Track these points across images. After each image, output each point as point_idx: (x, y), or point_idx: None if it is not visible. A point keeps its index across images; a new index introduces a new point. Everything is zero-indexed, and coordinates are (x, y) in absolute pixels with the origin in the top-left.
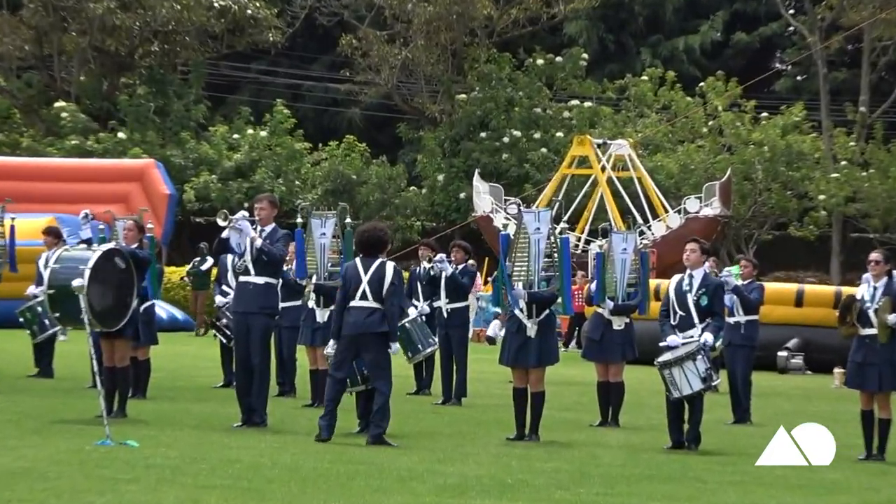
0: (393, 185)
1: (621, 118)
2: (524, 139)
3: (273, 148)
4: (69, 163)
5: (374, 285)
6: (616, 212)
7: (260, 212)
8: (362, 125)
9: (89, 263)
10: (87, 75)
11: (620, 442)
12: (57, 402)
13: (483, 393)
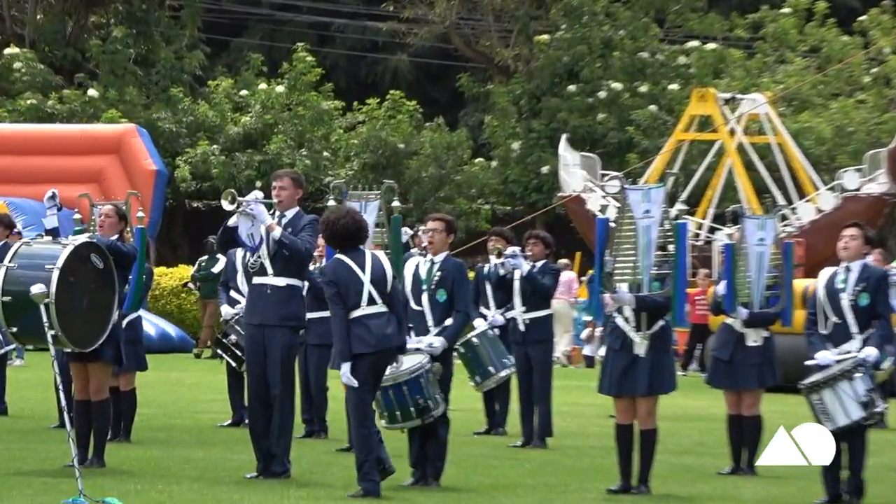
0: (453, 157)
1: (755, 65)
2: (626, 94)
3: (293, 108)
4: (23, 129)
5: (380, 284)
6: (749, 190)
7: (279, 192)
8: (411, 77)
9: (57, 262)
10: (46, 13)
11: (758, 495)
12: (13, 447)
13: (576, 431)
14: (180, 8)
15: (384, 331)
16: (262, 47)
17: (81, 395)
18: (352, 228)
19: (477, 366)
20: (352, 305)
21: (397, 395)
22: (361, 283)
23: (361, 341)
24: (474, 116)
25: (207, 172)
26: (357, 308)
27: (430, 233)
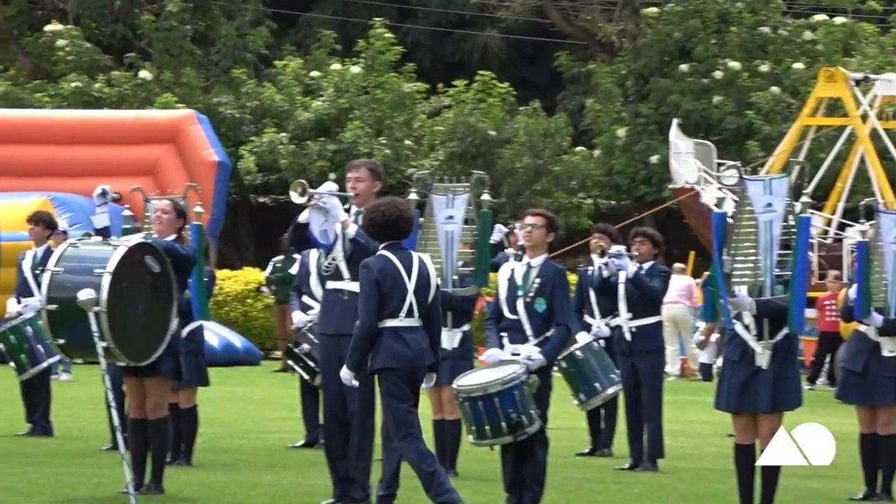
0: (550, 145)
1: (890, 41)
2: (745, 74)
3: (371, 91)
4: (67, 116)
5: (421, 294)
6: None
7: (355, 184)
8: (503, 56)
9: (108, 265)
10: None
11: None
12: (61, 472)
13: (690, 452)
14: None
15: (420, 346)
16: (335, 23)
17: (137, 413)
18: (392, 217)
19: (581, 382)
20: (391, 312)
21: (488, 407)
22: (406, 289)
23: (395, 356)
24: (574, 100)
25: (275, 163)
26: (395, 317)
27: (529, 228)
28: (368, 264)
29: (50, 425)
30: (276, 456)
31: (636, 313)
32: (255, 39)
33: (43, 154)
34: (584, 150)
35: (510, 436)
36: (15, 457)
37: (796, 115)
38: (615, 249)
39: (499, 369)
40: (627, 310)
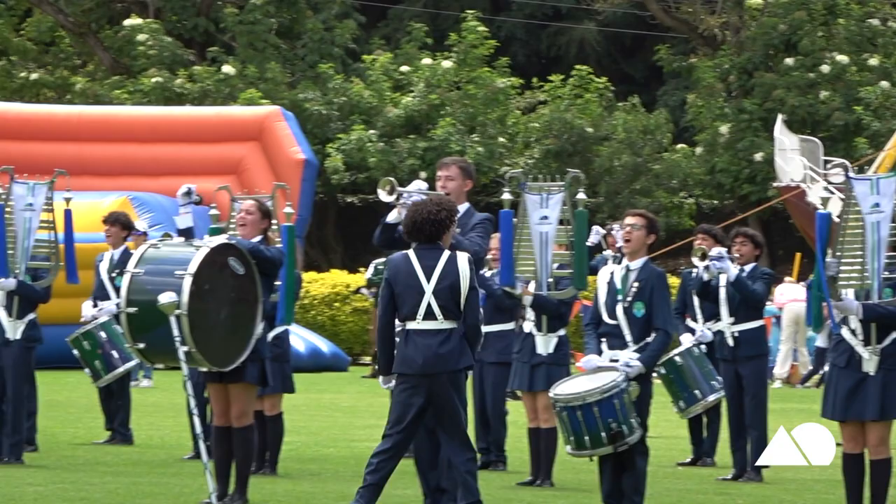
0: (650, 143)
1: None
2: (854, 68)
3: (463, 86)
4: (148, 113)
5: (444, 294)
6: None
7: (445, 183)
8: (601, 50)
9: (190, 267)
10: None
11: None
12: (141, 482)
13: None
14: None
15: (436, 350)
16: (426, 16)
17: (221, 420)
18: (416, 219)
19: (681, 389)
20: (407, 315)
21: (587, 417)
22: (423, 291)
23: (403, 361)
24: (675, 95)
25: (363, 162)
26: (412, 319)
27: (628, 229)
28: (387, 261)
29: (130, 433)
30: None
31: (738, 317)
32: (342, 33)
33: (122, 152)
34: (686, 148)
35: (610, 446)
36: (94, 466)
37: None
38: (716, 252)
39: (597, 377)
40: (729, 314)
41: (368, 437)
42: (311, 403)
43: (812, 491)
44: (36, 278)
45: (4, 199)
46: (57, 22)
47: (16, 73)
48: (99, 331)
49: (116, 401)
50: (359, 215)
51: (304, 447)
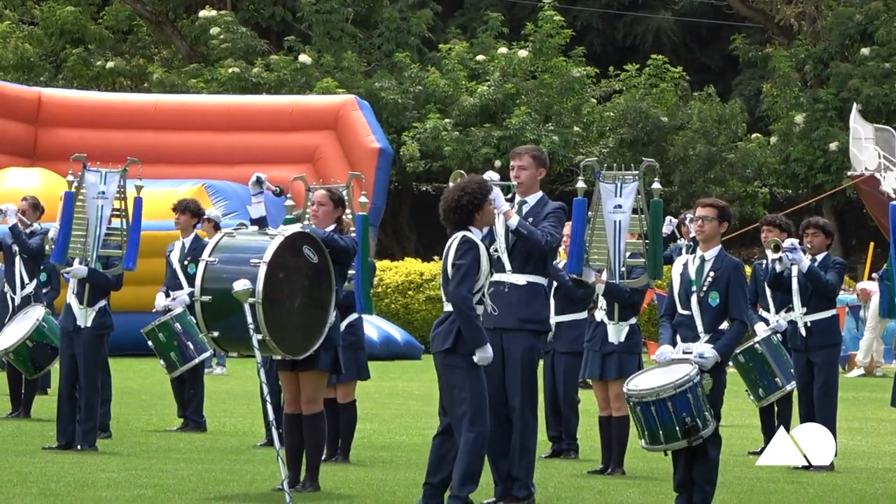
0: (725, 132)
1: None
2: None
3: (538, 75)
4: (224, 102)
5: (444, 274)
6: None
7: (519, 172)
8: (677, 39)
9: (265, 255)
10: None
11: None
12: (214, 468)
13: (867, 451)
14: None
15: (433, 332)
16: (502, 5)
17: (292, 408)
18: (444, 207)
19: (762, 377)
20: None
21: (661, 412)
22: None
23: None
24: (750, 85)
25: (438, 150)
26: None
27: (700, 221)
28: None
29: (203, 420)
30: None
31: (811, 307)
32: (418, 22)
33: (198, 141)
34: (761, 137)
35: (685, 440)
36: (166, 453)
37: None
38: (789, 243)
39: (671, 370)
40: (802, 304)
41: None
42: (383, 391)
43: (883, 480)
44: (108, 266)
45: (77, 188)
46: (134, 11)
47: (93, 62)
48: (174, 322)
49: (190, 389)
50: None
51: (377, 435)
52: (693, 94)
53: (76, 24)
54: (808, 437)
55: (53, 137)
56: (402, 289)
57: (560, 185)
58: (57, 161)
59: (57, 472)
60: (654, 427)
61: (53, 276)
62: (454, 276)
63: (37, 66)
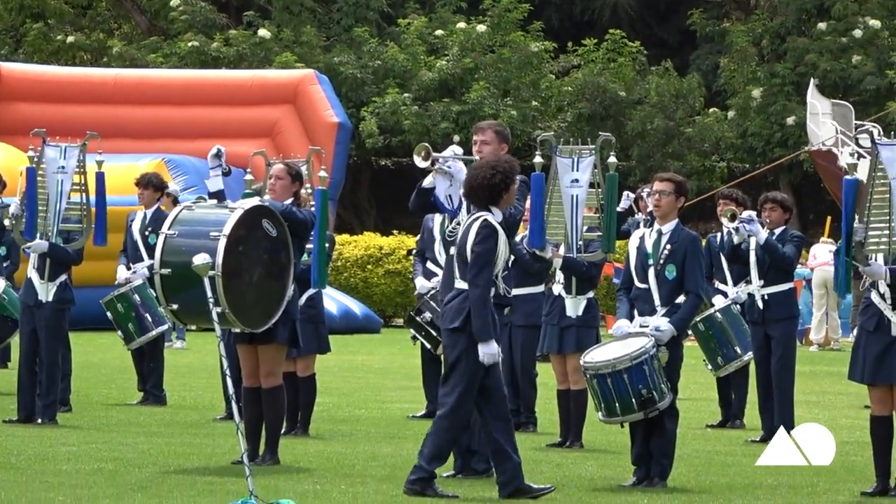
0: (683, 106)
1: None
2: (886, 32)
3: (497, 50)
4: (183, 76)
5: (461, 255)
6: None
7: (481, 147)
8: (635, 14)
9: (224, 228)
10: None
11: None
12: (174, 442)
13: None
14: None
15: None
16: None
17: (251, 381)
18: (473, 184)
19: (721, 345)
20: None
21: (617, 384)
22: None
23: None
24: (708, 59)
25: (397, 125)
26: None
27: (657, 195)
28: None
29: (163, 394)
30: (396, 426)
31: (768, 280)
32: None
33: (158, 115)
34: (718, 112)
35: (641, 412)
36: (126, 426)
37: None
38: (746, 215)
39: (627, 343)
40: (759, 277)
41: (400, 398)
42: (343, 365)
43: (840, 453)
44: (68, 241)
45: (36, 163)
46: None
47: (53, 36)
48: (133, 294)
49: (149, 362)
50: (392, 178)
51: (336, 408)
52: (651, 68)
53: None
54: (808, 437)
55: (13, 111)
56: (362, 263)
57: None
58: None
59: (17, 446)
60: (611, 399)
61: (13, 250)
62: (473, 263)
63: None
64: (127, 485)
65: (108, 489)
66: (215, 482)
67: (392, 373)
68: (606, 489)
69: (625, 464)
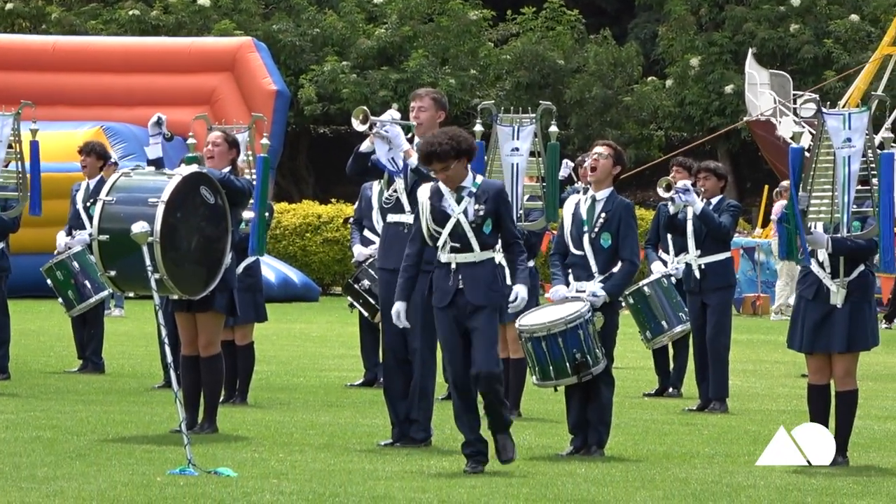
0: (621, 75)
1: None
2: (823, 1)
3: (435, 18)
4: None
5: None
6: None
7: (419, 114)
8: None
9: (162, 195)
10: None
11: None
12: (112, 410)
13: (761, 393)
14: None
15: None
16: None
17: (189, 350)
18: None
19: (648, 319)
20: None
21: (551, 347)
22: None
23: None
24: (646, 28)
25: (336, 93)
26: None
27: (596, 156)
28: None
29: (102, 362)
30: (334, 395)
31: (705, 250)
32: None
33: (97, 82)
34: (656, 81)
35: (574, 376)
36: (65, 394)
37: (876, 44)
38: (682, 184)
39: (563, 307)
40: (696, 247)
41: (338, 366)
42: (281, 333)
43: (777, 422)
44: (5, 209)
45: None
46: None
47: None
48: (72, 261)
49: (90, 329)
50: (331, 146)
51: (275, 376)
52: (589, 37)
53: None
54: (808, 436)
55: None
56: (300, 231)
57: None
58: None
59: None
60: (545, 363)
61: None
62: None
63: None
64: (65, 453)
65: (47, 457)
66: (154, 450)
67: (330, 341)
68: (544, 458)
69: (562, 432)
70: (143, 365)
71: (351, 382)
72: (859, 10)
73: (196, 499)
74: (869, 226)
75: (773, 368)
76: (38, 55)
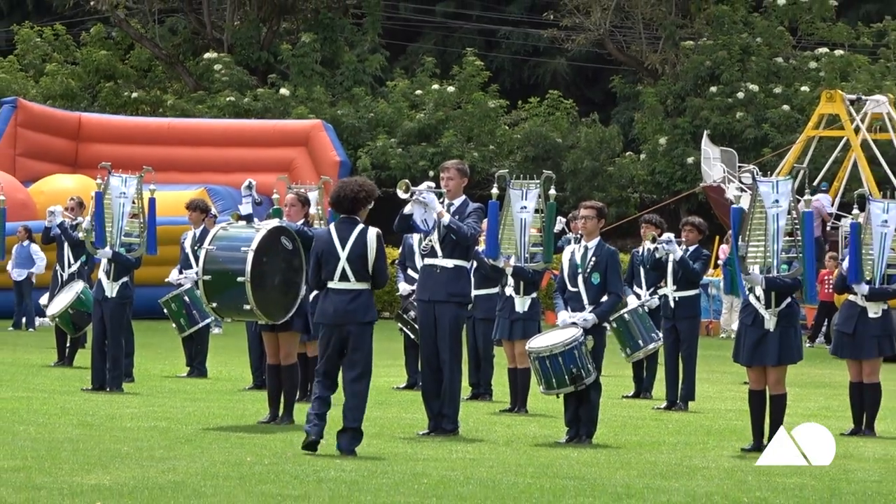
0: (606, 150)
1: (879, 69)
2: (762, 94)
3: (463, 106)
4: (222, 124)
5: (357, 262)
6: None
7: (447, 182)
8: (569, 79)
9: (252, 244)
10: (243, 20)
11: (877, 454)
12: (212, 405)
13: (714, 396)
14: (363, 16)
15: (346, 307)
16: (435, 51)
17: (272, 360)
18: (338, 195)
19: (628, 339)
20: (327, 276)
21: (553, 364)
22: (339, 257)
23: (321, 313)
24: (625, 114)
25: (386, 163)
26: (330, 279)
27: (583, 220)
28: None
29: (205, 369)
30: (384, 395)
31: (679, 286)
32: (371, 64)
33: (201, 154)
34: (633, 155)
35: (572, 386)
36: (176, 393)
37: (802, 128)
38: (666, 237)
39: (562, 332)
40: (673, 283)
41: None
42: None
43: (725, 418)
44: (130, 250)
45: (103, 189)
46: (153, 53)
47: (121, 93)
48: (183, 295)
49: (196, 345)
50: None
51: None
52: (581, 120)
53: (108, 64)
54: (807, 436)
55: (91, 151)
56: None
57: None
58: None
59: (92, 408)
60: (549, 376)
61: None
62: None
63: (77, 96)
64: (176, 438)
65: (162, 441)
66: (244, 437)
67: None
68: (545, 445)
69: (559, 426)
70: (237, 372)
71: (397, 386)
72: (790, 101)
73: (277, 475)
74: (794, 268)
75: (722, 377)
76: (156, 133)
